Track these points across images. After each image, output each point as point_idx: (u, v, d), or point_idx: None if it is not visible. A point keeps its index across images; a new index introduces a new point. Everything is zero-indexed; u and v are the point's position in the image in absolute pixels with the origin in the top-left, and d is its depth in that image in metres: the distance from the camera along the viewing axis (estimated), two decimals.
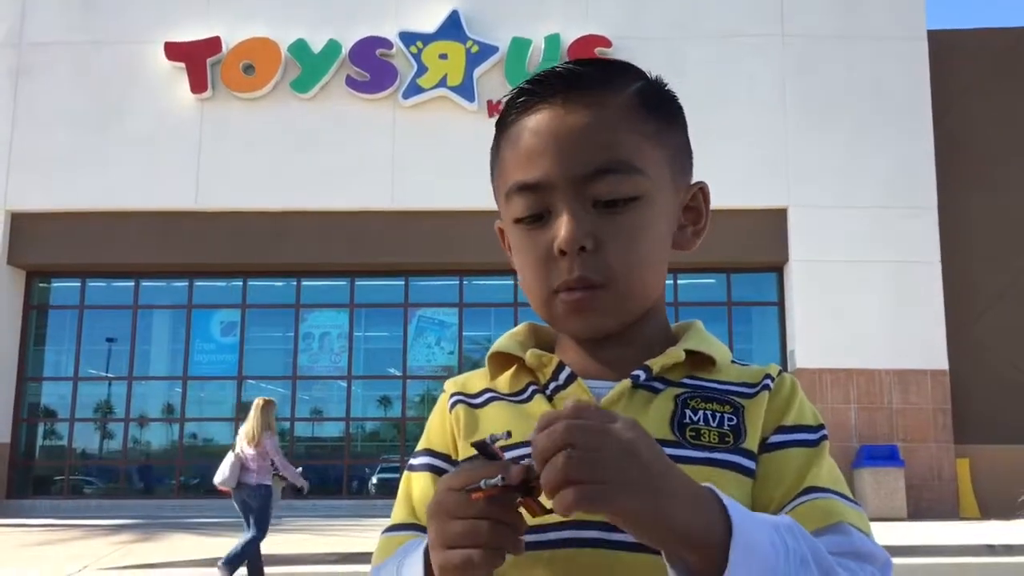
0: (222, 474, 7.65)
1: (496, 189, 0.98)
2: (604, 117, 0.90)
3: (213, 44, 15.66)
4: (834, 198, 14.96)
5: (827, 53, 15.41)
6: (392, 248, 15.50)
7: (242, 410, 16.41)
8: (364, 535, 11.24)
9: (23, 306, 16.31)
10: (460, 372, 1.10)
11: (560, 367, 0.95)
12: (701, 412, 0.91)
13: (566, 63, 0.94)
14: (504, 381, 0.99)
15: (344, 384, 16.42)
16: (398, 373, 16.45)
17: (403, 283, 16.40)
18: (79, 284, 16.63)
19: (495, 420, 0.95)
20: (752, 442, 0.90)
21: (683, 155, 0.97)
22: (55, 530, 12.61)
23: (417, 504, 0.96)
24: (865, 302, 14.65)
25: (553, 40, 15.37)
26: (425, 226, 15.35)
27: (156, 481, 16.23)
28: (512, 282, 15.74)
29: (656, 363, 0.93)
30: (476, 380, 1.02)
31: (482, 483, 0.71)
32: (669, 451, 0.83)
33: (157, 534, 11.84)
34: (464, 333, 16.23)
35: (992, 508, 13.95)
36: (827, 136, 15.10)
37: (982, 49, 15.92)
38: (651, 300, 0.95)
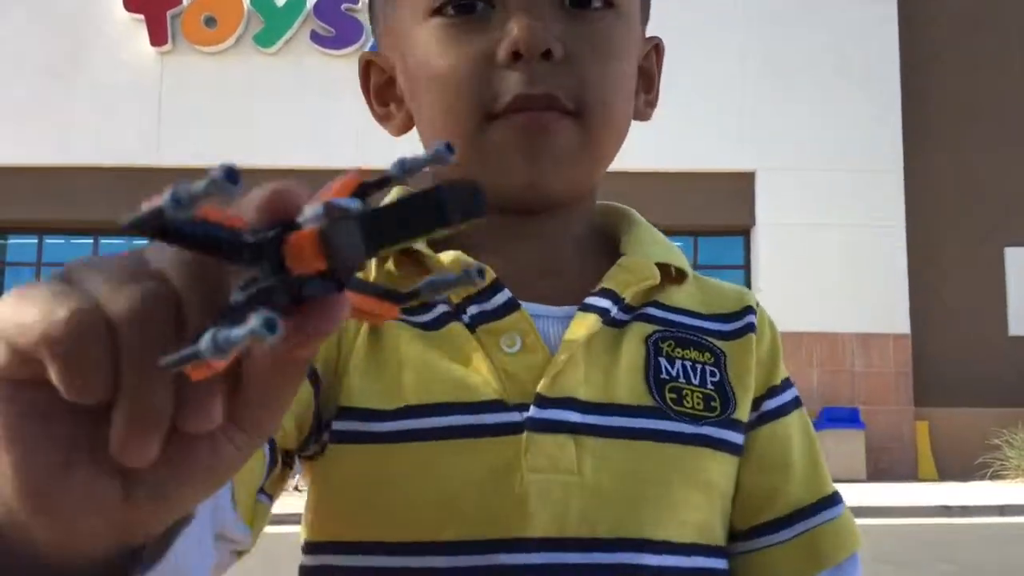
0: None
1: None
2: None
3: None
4: (801, 161, 14.94)
5: (794, 12, 15.29)
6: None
7: None
8: None
9: None
10: None
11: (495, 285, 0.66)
12: (679, 363, 0.65)
13: None
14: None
15: None
16: None
17: None
18: (36, 241, 16.28)
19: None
20: (742, 409, 0.67)
21: None
22: None
23: None
24: (829, 265, 14.71)
25: None
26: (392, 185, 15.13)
27: None
28: None
29: (627, 288, 0.66)
30: None
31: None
32: (651, 424, 0.62)
33: None
34: None
35: (950, 470, 14.18)
36: (794, 98, 15.03)
37: (951, 8, 15.87)
38: (608, 163, 0.70)
